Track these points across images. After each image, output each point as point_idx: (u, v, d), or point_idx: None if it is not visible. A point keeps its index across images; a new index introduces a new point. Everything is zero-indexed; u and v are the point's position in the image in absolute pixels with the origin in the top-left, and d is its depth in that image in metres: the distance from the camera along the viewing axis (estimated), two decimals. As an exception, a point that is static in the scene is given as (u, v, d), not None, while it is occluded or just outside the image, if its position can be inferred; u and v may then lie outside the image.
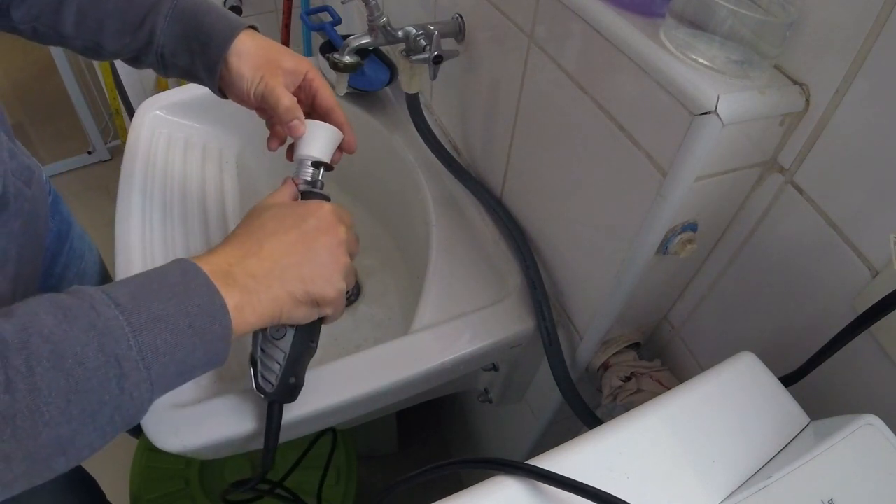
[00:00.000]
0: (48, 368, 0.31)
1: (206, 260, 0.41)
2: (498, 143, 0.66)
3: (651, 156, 0.43)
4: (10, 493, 0.32)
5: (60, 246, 0.70)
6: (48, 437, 0.32)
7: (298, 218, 0.47)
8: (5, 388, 0.30)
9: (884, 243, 0.37)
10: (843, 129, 0.38)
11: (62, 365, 0.32)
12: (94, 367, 0.33)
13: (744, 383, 0.40)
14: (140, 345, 0.35)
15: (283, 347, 0.49)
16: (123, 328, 0.34)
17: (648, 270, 0.49)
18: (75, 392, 0.32)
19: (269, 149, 0.58)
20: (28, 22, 0.54)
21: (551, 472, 0.34)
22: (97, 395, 0.33)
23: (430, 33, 0.62)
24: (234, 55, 0.53)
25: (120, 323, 0.34)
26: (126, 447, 0.89)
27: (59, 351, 0.32)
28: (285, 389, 0.49)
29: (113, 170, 1.98)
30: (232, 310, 0.39)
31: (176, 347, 0.36)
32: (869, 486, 0.33)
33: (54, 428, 0.32)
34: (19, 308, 0.33)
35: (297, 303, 0.44)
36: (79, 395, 0.32)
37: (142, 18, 0.53)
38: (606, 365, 0.60)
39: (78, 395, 0.32)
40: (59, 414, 0.32)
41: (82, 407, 0.32)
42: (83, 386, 0.32)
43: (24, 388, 0.31)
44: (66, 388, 0.32)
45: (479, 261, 0.68)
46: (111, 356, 0.33)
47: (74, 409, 0.32)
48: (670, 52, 0.40)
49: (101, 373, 0.33)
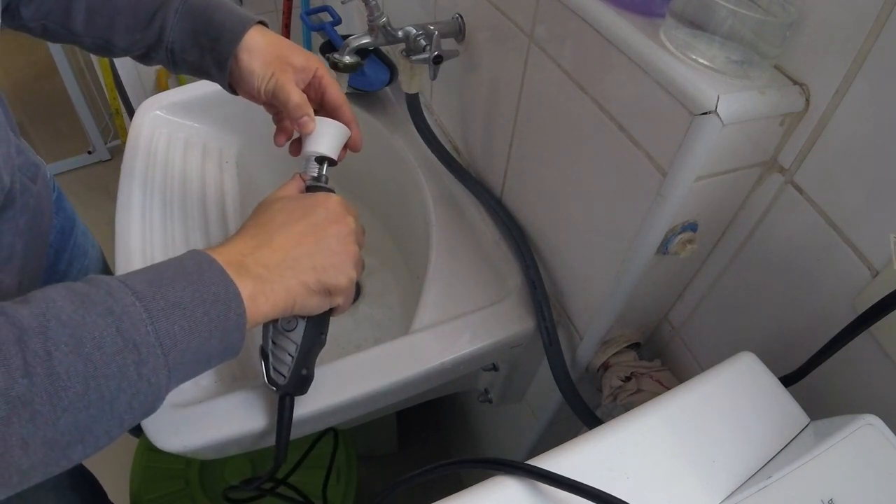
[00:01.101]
0: (66, 353, 0.31)
1: (218, 251, 0.41)
2: (498, 143, 0.66)
3: (651, 156, 0.43)
4: (27, 482, 0.31)
5: (64, 242, 0.70)
6: (66, 422, 0.31)
7: (308, 209, 0.47)
8: (24, 373, 0.30)
9: (884, 243, 0.37)
10: (843, 129, 0.38)
11: (80, 350, 0.32)
12: (113, 352, 0.33)
13: (744, 383, 0.40)
14: (157, 331, 0.35)
15: (295, 339, 0.49)
16: (141, 314, 0.34)
17: (648, 270, 0.49)
18: (94, 377, 0.32)
19: (276, 144, 0.58)
20: (38, 20, 0.54)
21: (551, 472, 0.34)
22: (115, 380, 0.33)
23: (430, 33, 0.62)
24: (245, 51, 0.53)
25: (137, 309, 0.34)
26: (126, 447, 0.88)
27: (78, 335, 0.32)
28: (297, 381, 0.50)
29: (113, 170, 1.98)
30: (246, 299, 0.39)
31: (192, 335, 0.36)
32: (869, 486, 0.33)
33: (73, 413, 0.31)
34: (35, 295, 0.33)
35: (310, 292, 0.45)
36: (97, 381, 0.32)
37: (151, 15, 0.53)
38: (606, 365, 0.60)
39: (96, 379, 0.32)
40: (78, 399, 0.31)
41: (101, 392, 0.32)
42: (102, 371, 0.32)
43: (43, 372, 0.30)
44: (84, 372, 0.32)
45: (479, 261, 0.68)
46: (129, 341, 0.33)
47: (93, 395, 0.32)
48: (670, 52, 0.40)
49: (119, 358, 0.33)
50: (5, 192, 0.49)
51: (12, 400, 0.29)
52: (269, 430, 0.52)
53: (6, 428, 0.29)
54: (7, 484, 0.30)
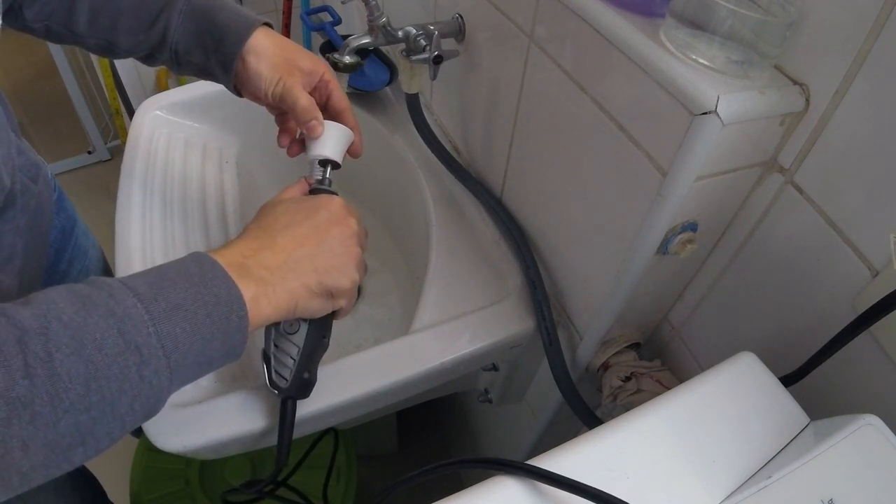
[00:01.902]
0: (68, 354, 0.31)
1: (220, 253, 0.41)
2: (498, 143, 0.66)
3: (651, 156, 0.43)
4: (28, 484, 0.31)
5: (65, 242, 0.70)
6: (67, 424, 0.31)
7: (310, 211, 0.47)
8: (24, 374, 0.30)
9: (884, 243, 0.37)
10: (843, 129, 0.38)
11: (82, 351, 0.32)
12: (114, 354, 0.33)
13: (744, 383, 0.40)
14: (159, 333, 0.34)
15: (297, 342, 0.49)
16: (142, 316, 0.34)
17: (648, 270, 0.49)
18: (95, 378, 0.32)
19: (279, 145, 0.58)
20: (41, 21, 0.53)
21: (551, 472, 0.34)
22: (117, 381, 0.33)
23: (430, 33, 0.62)
24: (252, 54, 0.53)
25: (139, 311, 0.34)
26: (126, 447, 0.88)
27: (79, 337, 0.32)
28: (299, 385, 0.49)
29: (113, 170, 1.98)
30: (248, 301, 0.39)
31: (194, 337, 0.36)
32: (869, 486, 0.33)
33: (74, 415, 0.31)
34: (36, 297, 0.33)
35: (313, 294, 0.44)
36: (99, 382, 0.32)
37: (155, 16, 0.53)
38: (606, 365, 0.60)
39: (98, 381, 0.32)
40: (79, 400, 0.31)
41: (102, 394, 0.32)
42: (103, 372, 0.32)
43: (44, 373, 0.30)
44: (85, 374, 0.31)
45: (479, 261, 0.68)
46: (131, 343, 0.33)
47: (94, 396, 0.32)
48: (670, 52, 0.40)
49: (121, 359, 0.33)
50: (6, 193, 0.49)
51: (13, 401, 0.29)
52: (269, 431, 0.52)
53: (6, 429, 0.29)
54: (8, 486, 0.30)
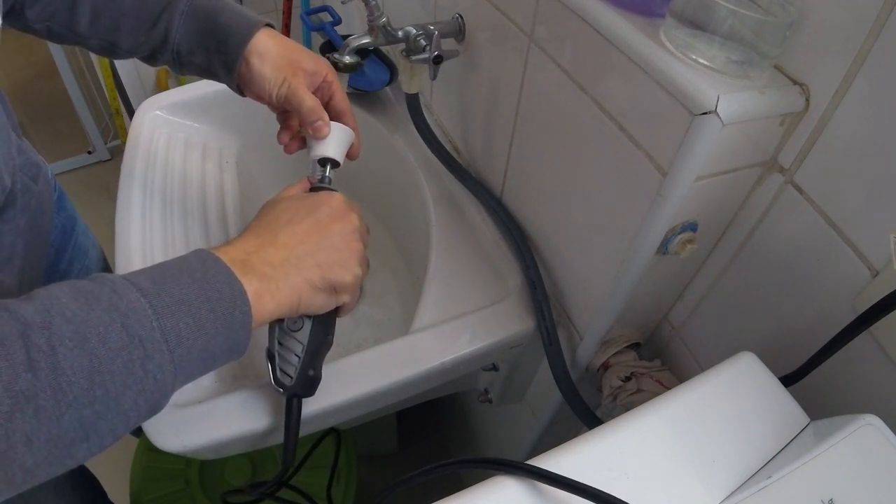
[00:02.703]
0: (71, 348, 0.31)
1: (222, 250, 0.41)
2: (498, 143, 0.66)
3: (651, 156, 0.43)
4: (31, 481, 0.31)
5: (65, 242, 0.70)
6: (71, 418, 0.31)
7: (311, 207, 0.47)
8: (27, 367, 0.30)
9: (884, 243, 0.37)
10: (843, 129, 0.38)
11: (85, 345, 0.31)
12: (118, 348, 0.32)
13: (744, 383, 0.40)
14: (163, 327, 0.34)
15: (301, 339, 0.49)
16: (146, 310, 0.34)
17: (648, 270, 0.49)
18: (99, 373, 0.32)
19: (279, 141, 0.58)
20: (42, 21, 0.54)
21: (551, 472, 0.34)
22: (121, 376, 0.33)
23: (430, 33, 0.62)
24: (255, 55, 0.53)
25: (142, 305, 0.34)
26: (126, 447, 0.88)
27: (82, 331, 0.32)
28: (304, 382, 0.49)
29: (113, 170, 1.98)
30: (251, 296, 0.39)
31: (198, 332, 0.36)
32: (869, 486, 0.33)
33: (78, 409, 0.31)
34: (39, 293, 0.33)
35: (316, 290, 0.45)
36: (102, 376, 0.32)
37: (156, 17, 0.53)
38: (606, 365, 0.60)
39: (101, 375, 0.32)
40: (83, 395, 0.31)
41: (106, 388, 0.32)
42: (107, 367, 0.32)
43: (47, 367, 0.30)
44: (89, 368, 0.31)
45: (479, 261, 0.68)
46: (134, 337, 0.33)
47: (98, 391, 0.32)
48: (670, 52, 0.40)
49: (124, 354, 0.33)
50: (6, 193, 0.49)
51: (16, 395, 0.29)
52: (270, 431, 0.52)
53: (9, 423, 0.29)
54: (11, 482, 0.30)
